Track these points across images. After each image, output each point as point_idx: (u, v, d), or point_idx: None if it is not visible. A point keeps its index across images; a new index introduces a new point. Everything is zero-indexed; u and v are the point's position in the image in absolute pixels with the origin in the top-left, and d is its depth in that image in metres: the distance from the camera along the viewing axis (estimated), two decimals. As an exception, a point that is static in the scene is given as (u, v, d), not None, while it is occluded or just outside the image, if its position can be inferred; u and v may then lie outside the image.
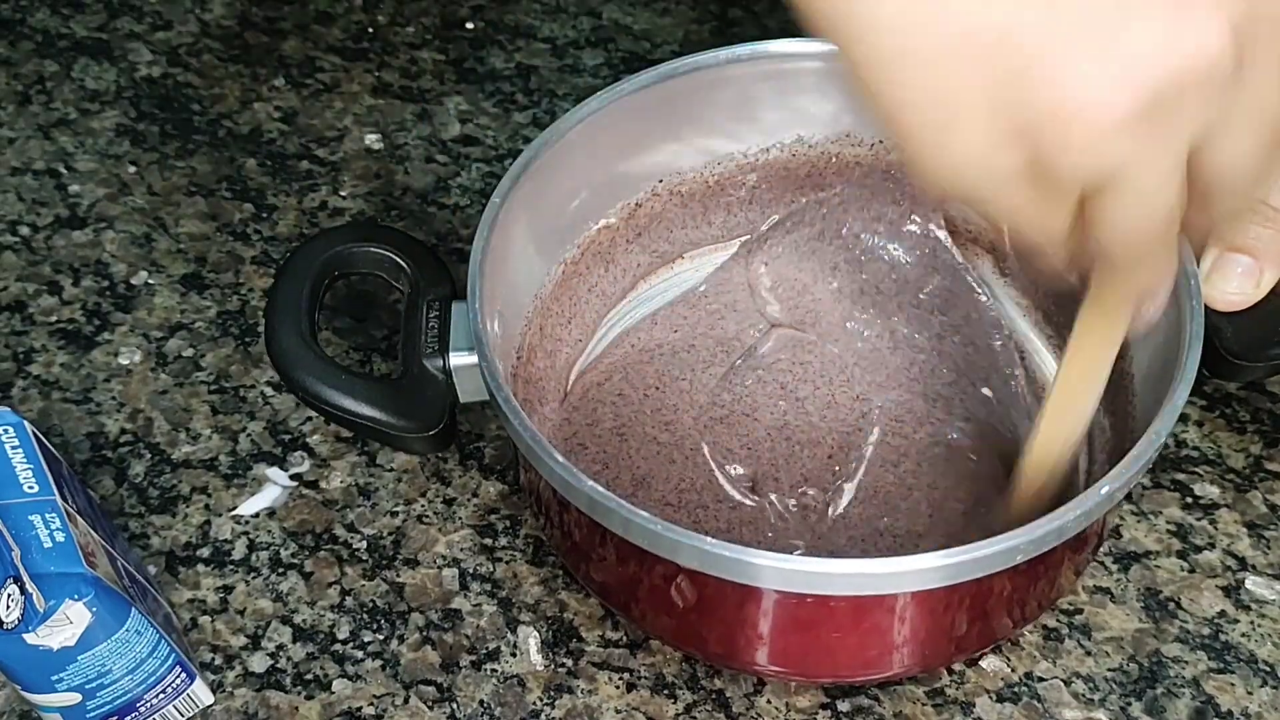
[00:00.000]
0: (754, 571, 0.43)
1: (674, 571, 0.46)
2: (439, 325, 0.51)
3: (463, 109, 0.74)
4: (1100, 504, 0.44)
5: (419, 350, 0.50)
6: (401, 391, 0.50)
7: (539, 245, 0.56)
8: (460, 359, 0.50)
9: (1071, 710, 0.51)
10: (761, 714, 0.51)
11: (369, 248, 0.53)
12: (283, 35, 0.78)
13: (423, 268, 0.53)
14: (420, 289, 0.52)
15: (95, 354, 0.63)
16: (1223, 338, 0.51)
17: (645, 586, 0.48)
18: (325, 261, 0.53)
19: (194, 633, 0.54)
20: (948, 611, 0.47)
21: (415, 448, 0.55)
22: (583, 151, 0.55)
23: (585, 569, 0.51)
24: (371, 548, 0.57)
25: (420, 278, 0.53)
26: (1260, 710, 0.51)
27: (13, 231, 0.69)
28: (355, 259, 0.54)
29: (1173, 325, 0.49)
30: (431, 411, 0.50)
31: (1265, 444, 0.59)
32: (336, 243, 0.53)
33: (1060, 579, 0.50)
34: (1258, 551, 0.55)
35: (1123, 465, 0.44)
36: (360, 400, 0.50)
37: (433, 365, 0.50)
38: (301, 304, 0.51)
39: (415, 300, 0.52)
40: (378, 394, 0.50)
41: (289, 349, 0.50)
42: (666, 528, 0.43)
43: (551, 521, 0.51)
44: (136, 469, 0.59)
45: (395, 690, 0.52)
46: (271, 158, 0.72)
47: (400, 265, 0.53)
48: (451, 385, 0.50)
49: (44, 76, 0.76)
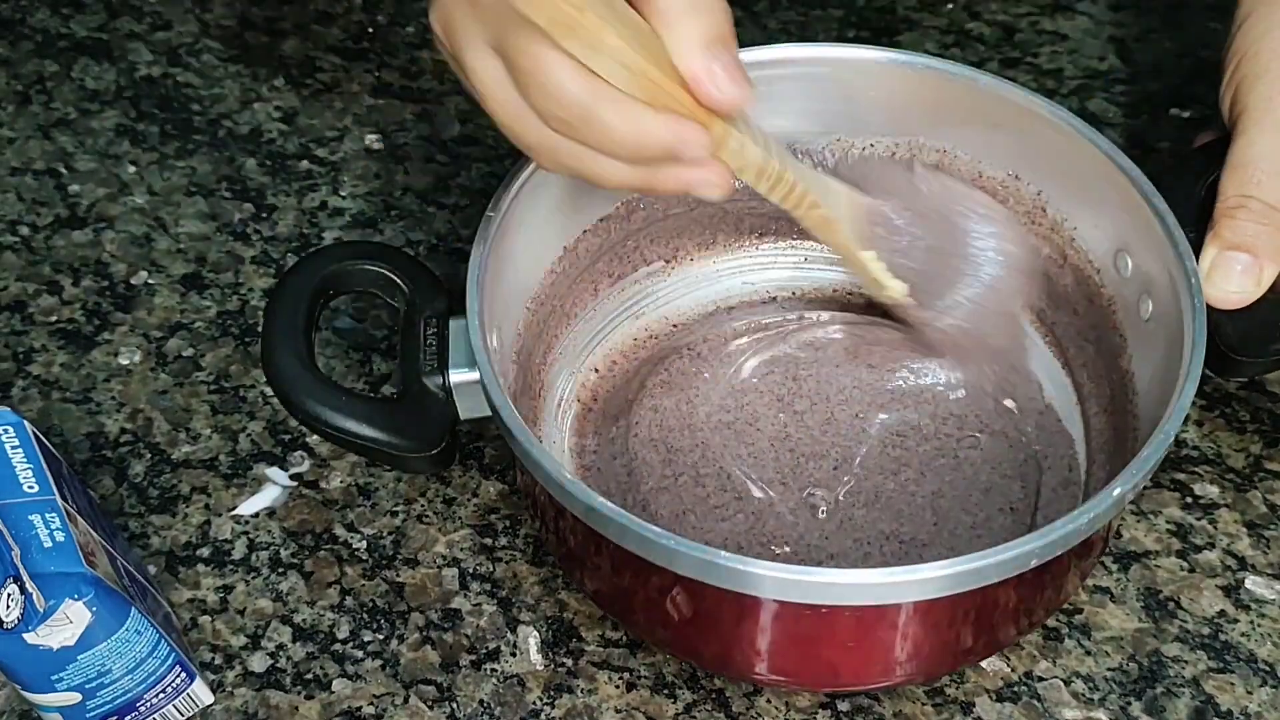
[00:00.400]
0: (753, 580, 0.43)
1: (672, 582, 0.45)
2: (437, 342, 0.50)
3: (463, 109, 0.74)
4: (1112, 506, 0.44)
5: (418, 368, 0.50)
6: (401, 411, 0.50)
7: (534, 256, 0.56)
8: (460, 376, 0.50)
9: (1071, 710, 0.51)
10: (761, 714, 0.51)
11: (364, 265, 0.53)
12: (283, 35, 0.78)
13: (419, 285, 0.52)
14: (416, 306, 0.52)
15: (95, 354, 0.63)
16: (1223, 334, 0.51)
17: (643, 597, 0.48)
18: (320, 281, 0.52)
19: (194, 632, 0.54)
20: (952, 621, 0.47)
21: (417, 467, 0.54)
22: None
23: (588, 580, 0.51)
24: (371, 547, 0.57)
25: (416, 295, 0.52)
26: (1260, 710, 0.51)
27: (13, 231, 0.69)
28: (350, 278, 0.53)
29: (1174, 325, 0.49)
30: (432, 430, 0.50)
31: (1265, 444, 0.59)
32: (331, 261, 0.53)
33: (1066, 585, 0.50)
34: (1257, 551, 0.55)
35: (1132, 467, 0.44)
36: (360, 421, 0.49)
37: (432, 383, 0.50)
38: (298, 324, 0.51)
39: (412, 318, 0.51)
40: (377, 414, 0.49)
41: (286, 370, 0.50)
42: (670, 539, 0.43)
43: (557, 535, 0.51)
44: (136, 469, 0.59)
45: (395, 690, 0.52)
46: (271, 158, 0.72)
47: (396, 282, 0.53)
48: (452, 402, 0.50)
49: (44, 76, 0.76)
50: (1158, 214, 0.51)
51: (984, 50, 0.76)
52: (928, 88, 0.56)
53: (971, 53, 0.76)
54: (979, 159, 0.57)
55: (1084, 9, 0.79)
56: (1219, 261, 0.51)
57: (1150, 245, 0.51)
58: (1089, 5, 0.79)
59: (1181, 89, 0.74)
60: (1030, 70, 0.75)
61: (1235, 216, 0.51)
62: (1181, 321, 0.48)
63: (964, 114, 0.56)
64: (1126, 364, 0.53)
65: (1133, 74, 0.75)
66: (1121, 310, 0.54)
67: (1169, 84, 0.74)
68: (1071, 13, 0.79)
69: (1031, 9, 0.79)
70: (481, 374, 0.48)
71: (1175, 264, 0.49)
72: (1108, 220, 0.54)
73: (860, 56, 0.57)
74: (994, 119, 0.56)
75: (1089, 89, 0.74)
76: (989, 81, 0.55)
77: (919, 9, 0.79)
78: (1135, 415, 0.52)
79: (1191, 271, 0.49)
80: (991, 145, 0.57)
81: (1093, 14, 0.78)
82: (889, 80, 0.57)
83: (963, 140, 0.57)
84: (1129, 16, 0.78)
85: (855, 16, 0.78)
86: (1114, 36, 0.77)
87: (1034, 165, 0.56)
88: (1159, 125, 0.72)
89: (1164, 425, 0.45)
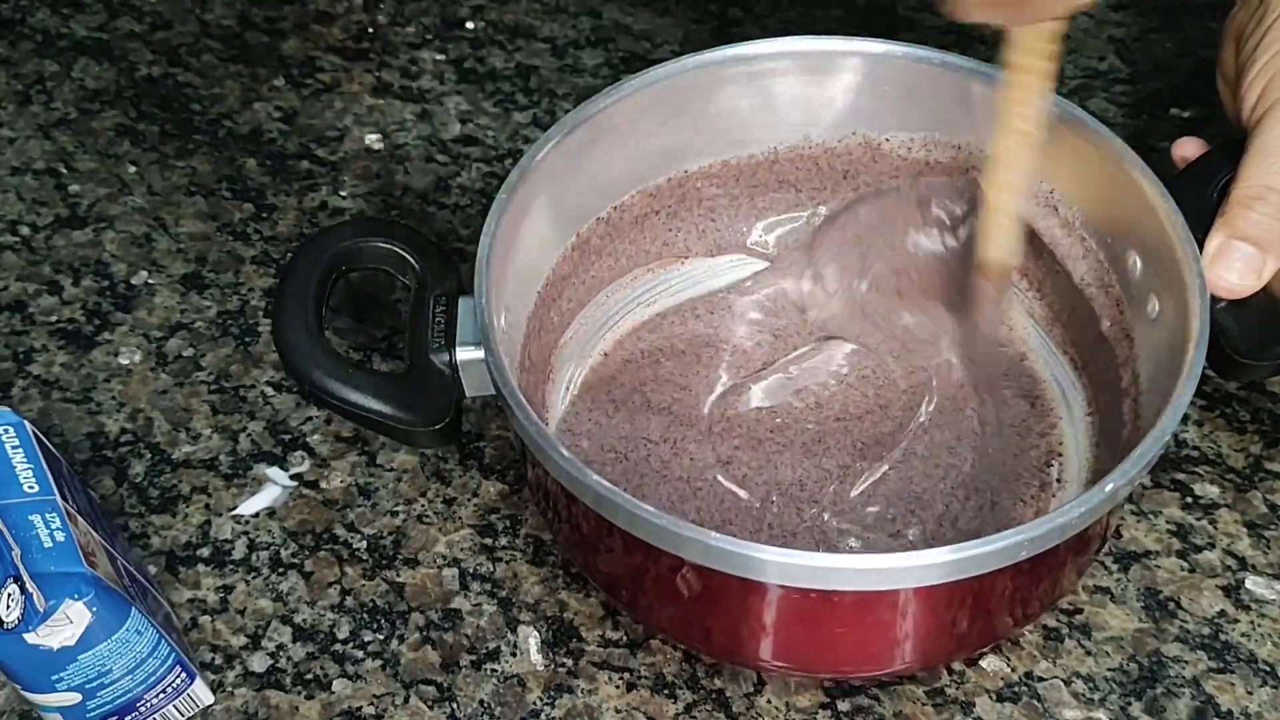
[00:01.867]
0: (758, 566, 0.43)
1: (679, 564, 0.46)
2: (445, 320, 0.51)
3: (463, 109, 0.74)
4: (1104, 501, 0.44)
5: (425, 345, 0.51)
6: (408, 386, 0.50)
7: (544, 241, 0.56)
8: (467, 354, 0.50)
9: (1071, 710, 0.51)
10: (761, 713, 0.51)
11: (376, 242, 0.54)
12: (283, 35, 0.78)
13: (430, 263, 0.53)
14: (427, 284, 0.53)
15: (95, 354, 0.64)
16: (1229, 337, 0.51)
17: (650, 580, 0.49)
18: (333, 256, 0.53)
19: (194, 632, 0.54)
20: (950, 608, 0.47)
21: (421, 442, 0.55)
22: (590, 147, 0.56)
23: (590, 562, 0.51)
24: (371, 547, 0.57)
25: (427, 273, 0.53)
26: (1260, 710, 0.51)
27: (13, 231, 0.69)
28: (362, 254, 0.54)
29: (1178, 323, 0.49)
30: (437, 406, 0.50)
31: (1265, 444, 0.59)
32: (344, 237, 0.54)
33: (1063, 579, 0.50)
34: (1258, 551, 0.55)
35: (1127, 463, 0.45)
36: (367, 394, 0.50)
37: (439, 360, 0.50)
38: (309, 298, 0.51)
39: (422, 295, 0.52)
40: (384, 388, 0.50)
41: (296, 343, 0.50)
42: (672, 522, 0.43)
43: (558, 516, 0.51)
44: (137, 469, 0.59)
45: (395, 690, 0.52)
46: (272, 158, 0.72)
47: (407, 260, 0.53)
48: (458, 380, 0.51)
49: (44, 76, 0.76)
50: (1168, 215, 0.51)
51: (984, 50, 0.76)
52: (945, 83, 0.56)
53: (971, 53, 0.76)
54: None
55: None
56: (1223, 248, 0.51)
57: (1159, 246, 0.51)
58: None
59: (1181, 89, 0.74)
60: (1030, 70, 0.75)
61: (1251, 207, 0.51)
62: (1186, 322, 0.48)
63: (981, 111, 0.56)
64: (1132, 362, 0.53)
65: (1133, 74, 0.75)
66: (1129, 309, 0.54)
67: (1169, 84, 0.74)
68: (1071, 13, 0.79)
69: (1031, 9, 0.79)
70: (487, 352, 0.48)
71: (1183, 266, 0.49)
72: (1119, 220, 0.54)
73: (880, 51, 0.57)
74: None
75: (1089, 89, 0.74)
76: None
77: (919, 9, 0.79)
78: (1138, 414, 0.52)
79: (1199, 274, 0.49)
80: None
81: (1093, 14, 0.78)
82: (907, 75, 0.57)
83: (979, 137, 0.57)
84: (1129, 16, 0.79)
85: (855, 16, 0.78)
86: (1114, 36, 0.77)
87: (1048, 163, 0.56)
88: (1159, 125, 0.72)
89: (1161, 423, 0.45)
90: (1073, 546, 0.46)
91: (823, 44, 0.57)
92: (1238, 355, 0.51)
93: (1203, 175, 0.54)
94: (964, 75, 0.56)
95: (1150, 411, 0.50)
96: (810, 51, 0.57)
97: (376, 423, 0.50)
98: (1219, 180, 0.53)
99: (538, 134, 0.73)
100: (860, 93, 0.58)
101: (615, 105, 0.55)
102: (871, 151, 0.60)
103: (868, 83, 0.58)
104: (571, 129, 0.54)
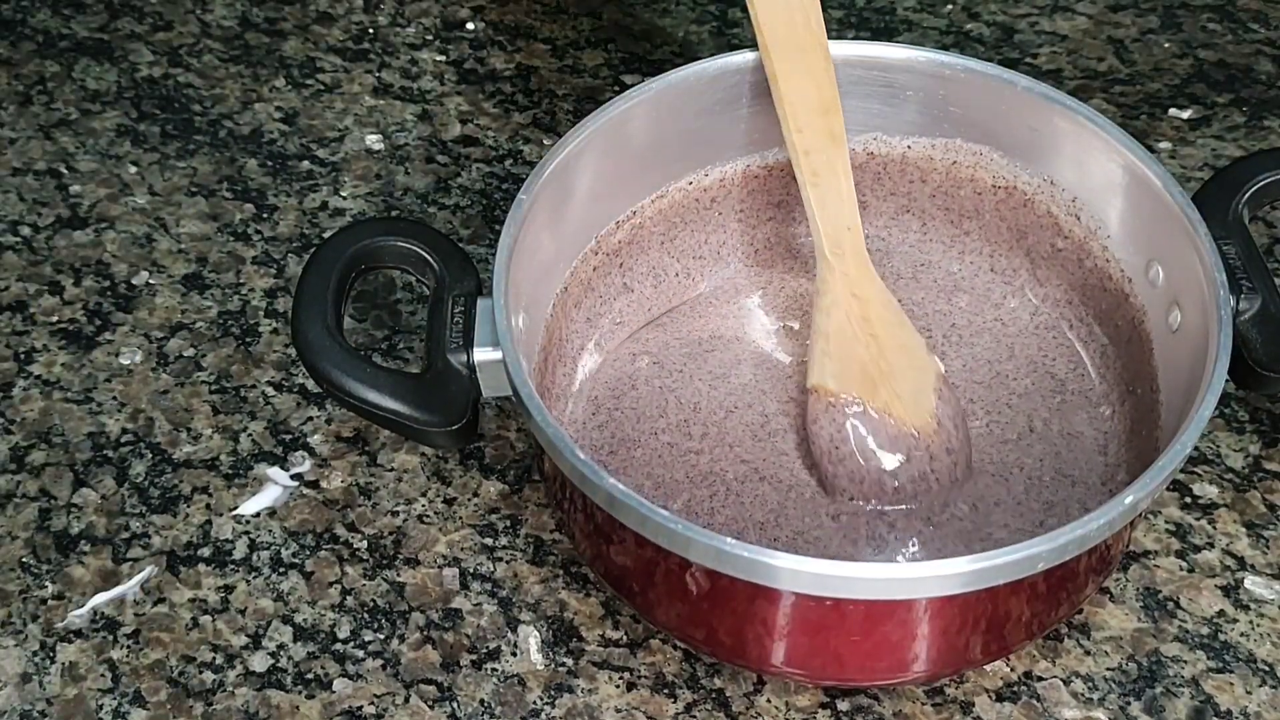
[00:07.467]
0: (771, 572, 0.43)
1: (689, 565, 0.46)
2: (464, 320, 0.51)
3: (463, 109, 0.74)
4: (1124, 514, 0.44)
5: (443, 345, 0.51)
6: (425, 386, 0.50)
7: (562, 243, 0.56)
8: (485, 354, 0.50)
9: (1071, 710, 0.51)
10: (761, 713, 0.52)
11: (396, 241, 0.54)
12: (283, 35, 0.78)
13: (449, 263, 0.53)
14: (446, 284, 0.53)
15: (96, 354, 0.64)
16: (1252, 349, 0.50)
17: (660, 579, 0.49)
18: (353, 254, 0.53)
19: (195, 632, 0.54)
20: (964, 619, 0.47)
21: (438, 442, 0.55)
22: (609, 150, 0.56)
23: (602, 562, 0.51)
24: (372, 547, 0.57)
25: (446, 273, 0.53)
26: (1259, 710, 0.51)
27: (14, 232, 0.69)
28: (382, 253, 0.54)
29: (1201, 337, 0.49)
30: (455, 406, 0.50)
31: (1264, 444, 0.59)
32: (364, 236, 0.54)
33: (1078, 595, 0.50)
34: (1257, 551, 0.56)
35: (1147, 476, 0.44)
36: (384, 393, 0.50)
37: (457, 360, 0.50)
38: (328, 295, 0.51)
39: (441, 295, 0.52)
40: (402, 387, 0.50)
41: (315, 340, 0.50)
42: (686, 527, 0.43)
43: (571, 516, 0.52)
44: (137, 469, 0.59)
45: (396, 689, 0.53)
46: (272, 158, 0.72)
47: (426, 260, 0.53)
48: (475, 380, 0.51)
49: (45, 77, 0.76)
50: (1191, 226, 0.50)
51: (984, 51, 0.76)
52: (967, 89, 0.56)
53: (971, 53, 0.76)
54: (1014, 163, 0.58)
55: (1083, 9, 0.79)
56: None
57: (1182, 257, 0.51)
58: (1088, 5, 0.79)
59: (1181, 89, 0.74)
60: (1030, 71, 0.75)
61: None
62: (1207, 334, 0.48)
63: (1002, 117, 0.56)
64: (1153, 374, 0.53)
65: (1133, 74, 0.75)
66: (1151, 319, 0.54)
67: (1169, 84, 0.74)
68: (1071, 13, 0.79)
69: (1031, 9, 0.79)
70: (504, 353, 0.48)
71: (1206, 277, 0.49)
72: (1141, 229, 0.54)
73: (900, 56, 0.57)
74: (1031, 123, 0.56)
75: (1089, 89, 0.74)
76: (1028, 85, 0.55)
77: (919, 9, 0.79)
78: (1158, 425, 0.51)
79: (1221, 284, 0.49)
80: (1028, 149, 0.57)
81: (1092, 14, 0.78)
82: (927, 81, 0.57)
83: (1000, 143, 0.57)
84: (1129, 16, 0.79)
85: (855, 17, 0.78)
86: (1114, 36, 0.77)
87: (1069, 171, 0.56)
88: (1159, 125, 0.72)
89: (1181, 435, 0.45)
90: (1090, 559, 0.46)
91: (840, 49, 0.57)
92: (1260, 368, 0.50)
93: (1228, 185, 0.54)
94: (985, 81, 0.56)
95: (1170, 423, 0.49)
96: (838, 57, 0.57)
97: (394, 422, 0.50)
98: (1245, 190, 0.53)
99: (538, 134, 0.73)
100: (885, 98, 0.58)
101: (635, 107, 0.55)
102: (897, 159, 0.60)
103: (885, 88, 0.58)
104: (591, 131, 0.54)
